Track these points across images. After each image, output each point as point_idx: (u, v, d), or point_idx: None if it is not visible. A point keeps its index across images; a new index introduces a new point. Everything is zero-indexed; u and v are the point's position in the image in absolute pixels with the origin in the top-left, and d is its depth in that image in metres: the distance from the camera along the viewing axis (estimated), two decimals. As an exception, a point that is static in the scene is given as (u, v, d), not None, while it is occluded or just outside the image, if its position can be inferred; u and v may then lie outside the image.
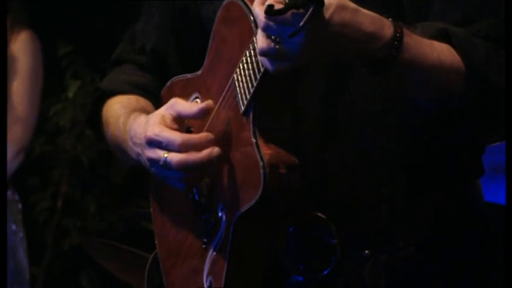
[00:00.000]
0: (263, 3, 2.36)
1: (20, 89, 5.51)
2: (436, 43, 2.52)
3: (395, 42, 2.44)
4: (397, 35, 2.44)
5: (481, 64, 2.52)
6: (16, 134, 5.49)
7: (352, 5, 2.40)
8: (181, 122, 2.68)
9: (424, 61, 2.49)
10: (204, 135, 2.66)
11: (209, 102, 2.67)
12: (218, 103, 2.71)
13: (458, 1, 2.60)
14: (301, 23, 2.28)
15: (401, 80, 2.52)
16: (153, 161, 2.69)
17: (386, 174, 2.66)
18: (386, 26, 2.44)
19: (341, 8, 2.38)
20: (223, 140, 2.67)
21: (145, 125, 2.74)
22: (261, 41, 2.41)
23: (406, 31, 2.46)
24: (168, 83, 2.93)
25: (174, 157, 2.64)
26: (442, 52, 2.52)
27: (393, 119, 2.65)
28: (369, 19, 2.43)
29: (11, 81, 5.48)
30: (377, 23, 2.43)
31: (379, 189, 2.66)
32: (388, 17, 2.46)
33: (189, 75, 2.86)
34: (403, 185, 2.66)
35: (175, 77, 2.91)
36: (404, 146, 2.66)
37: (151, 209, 2.97)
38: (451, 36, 2.53)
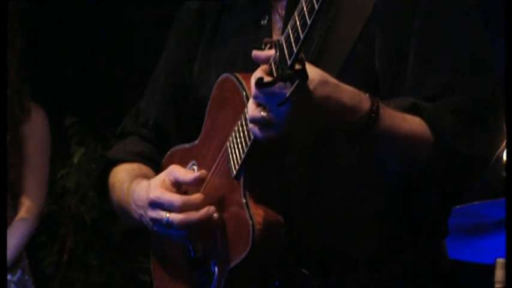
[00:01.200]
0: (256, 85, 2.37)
1: (37, 159, 5.52)
2: (408, 116, 2.51)
3: (372, 114, 2.43)
4: (374, 108, 2.43)
5: (447, 136, 2.52)
6: (36, 200, 5.50)
7: (334, 80, 2.40)
8: (179, 186, 2.67)
9: (397, 131, 2.48)
10: (200, 196, 2.65)
11: (203, 172, 2.68)
12: (212, 169, 2.71)
13: (428, 79, 2.58)
14: (287, 95, 2.29)
15: (378, 147, 2.51)
16: (156, 221, 2.68)
17: (363, 231, 2.64)
18: (364, 100, 2.43)
19: (323, 82, 2.37)
20: (217, 201, 2.66)
21: (147, 188, 2.73)
22: (251, 109, 2.41)
23: (381, 104, 2.45)
24: (169, 152, 2.93)
25: (175, 217, 2.63)
26: (413, 124, 2.51)
27: (369, 181, 2.63)
28: (349, 94, 2.42)
29: (26, 151, 5.49)
30: (356, 98, 2.42)
31: (357, 245, 2.63)
32: (365, 92, 2.45)
33: (187, 145, 2.86)
34: (377, 242, 2.64)
35: (174, 147, 2.91)
36: (379, 206, 2.64)
37: (152, 263, 2.95)
38: (421, 110, 2.52)
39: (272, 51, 2.41)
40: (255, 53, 2.45)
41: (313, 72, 2.38)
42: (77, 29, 7.36)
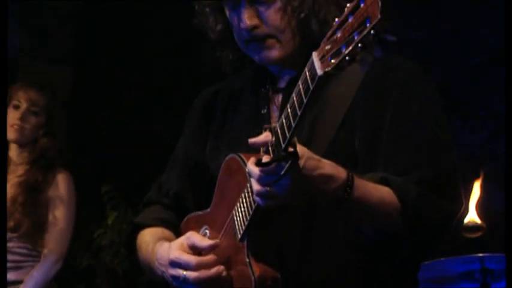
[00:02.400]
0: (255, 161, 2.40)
1: (60, 215, 5.48)
2: (379, 186, 2.53)
3: (349, 182, 2.44)
4: (349, 177, 2.44)
5: (412, 203, 2.52)
6: (56, 246, 5.43)
7: (317, 156, 2.42)
8: (195, 249, 2.67)
9: (370, 198, 2.49)
10: (212, 257, 2.64)
11: (217, 241, 2.67)
12: (221, 233, 2.71)
13: (398, 158, 2.60)
14: (282, 172, 2.32)
15: (354, 211, 2.51)
16: (175, 278, 2.68)
17: (346, 283, 2.64)
18: (341, 171, 2.45)
19: (310, 157, 2.39)
20: (225, 260, 2.66)
21: (168, 249, 2.72)
22: (255, 185, 2.41)
23: (355, 176, 2.46)
24: (186, 218, 2.92)
25: (191, 275, 2.63)
26: (383, 193, 2.52)
27: (349, 241, 2.62)
28: (328, 166, 2.44)
29: (53, 209, 5.43)
30: (334, 169, 2.44)
31: None
32: (342, 166, 2.47)
33: (200, 212, 2.85)
34: None
35: (190, 214, 2.90)
36: (359, 261, 2.64)
37: None
38: (389, 182, 2.53)
39: (269, 136, 2.41)
40: (251, 140, 2.46)
41: (301, 150, 2.38)
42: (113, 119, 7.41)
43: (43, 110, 5.44)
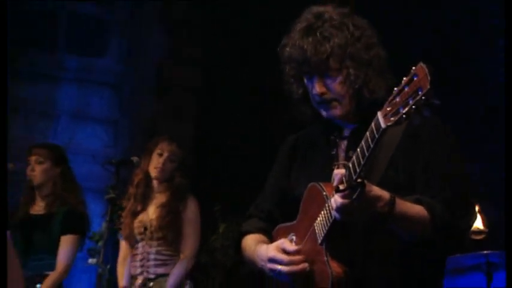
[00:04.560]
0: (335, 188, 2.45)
1: (191, 229, 5.53)
2: (414, 204, 2.53)
3: (391, 202, 2.45)
4: (392, 197, 2.46)
5: (439, 215, 2.53)
6: (189, 252, 5.48)
7: (370, 183, 2.44)
8: (285, 251, 2.68)
9: (407, 213, 2.50)
10: (300, 257, 2.65)
11: (300, 247, 2.68)
12: (305, 238, 2.70)
13: (429, 185, 2.61)
14: (354, 196, 2.36)
15: (397, 224, 2.52)
16: (272, 270, 2.69)
17: (394, 276, 2.63)
18: (385, 193, 2.46)
19: (368, 185, 2.41)
20: (309, 258, 2.66)
21: (266, 250, 2.74)
22: (333, 204, 2.45)
23: (396, 196, 2.48)
24: (277, 227, 2.90)
25: (284, 269, 2.65)
26: (418, 209, 2.53)
27: (395, 247, 2.62)
28: (376, 189, 2.45)
29: (187, 225, 5.49)
30: (380, 191, 2.45)
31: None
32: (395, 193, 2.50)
33: (288, 224, 2.83)
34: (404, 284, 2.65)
35: (280, 224, 2.89)
36: (401, 261, 2.64)
37: None
38: (422, 202, 2.54)
39: (342, 170, 2.45)
40: (334, 172, 2.48)
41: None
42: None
43: (178, 159, 5.55)
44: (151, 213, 5.46)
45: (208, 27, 7.80)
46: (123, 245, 5.58)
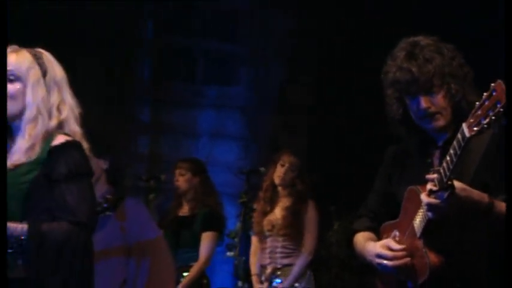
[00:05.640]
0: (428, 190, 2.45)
1: (311, 228, 5.55)
2: (503, 203, 2.50)
3: (490, 205, 2.45)
4: (490, 201, 2.45)
5: None
6: (310, 246, 5.52)
7: (467, 187, 2.43)
8: (390, 248, 2.68)
9: (502, 211, 2.47)
10: (402, 253, 2.64)
11: (402, 246, 2.65)
12: (406, 234, 2.69)
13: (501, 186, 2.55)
14: (444, 197, 2.37)
15: (491, 222, 2.50)
16: (379, 264, 2.69)
17: (483, 265, 2.61)
18: (484, 197, 2.44)
19: (462, 189, 2.41)
20: (410, 251, 2.64)
21: (374, 246, 2.74)
22: (427, 203, 2.45)
23: (493, 198, 2.47)
24: (383, 225, 2.87)
25: (389, 263, 2.65)
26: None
27: (484, 238, 2.59)
28: (476, 194, 2.44)
29: (307, 225, 5.52)
30: (480, 195, 2.44)
31: (482, 272, 2.61)
32: (484, 192, 2.48)
33: (392, 222, 2.81)
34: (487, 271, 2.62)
35: (385, 223, 2.87)
36: (489, 252, 2.60)
37: (377, 281, 2.88)
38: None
39: (434, 175, 2.46)
40: (427, 176, 2.49)
41: (457, 184, 2.42)
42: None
43: (297, 169, 5.58)
44: (277, 213, 5.53)
45: (321, 55, 7.83)
46: (254, 240, 5.63)
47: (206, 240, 5.47)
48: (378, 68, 2.80)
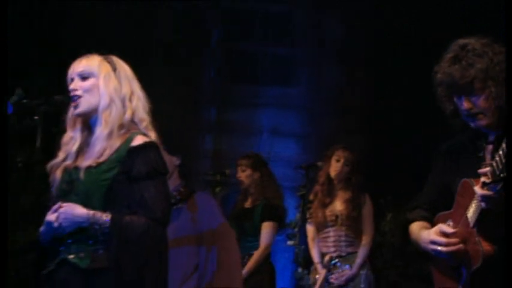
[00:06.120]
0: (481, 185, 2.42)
1: (369, 219, 5.56)
2: None
3: None
4: None
5: None
6: (369, 236, 5.51)
7: None
8: (444, 234, 2.65)
9: None
10: (456, 239, 2.61)
11: (456, 230, 2.63)
12: (460, 223, 2.66)
13: None
14: (497, 189, 2.37)
15: None
16: (434, 251, 2.67)
17: None
18: None
19: None
20: (463, 239, 2.62)
21: (428, 234, 2.72)
22: (480, 192, 2.42)
23: None
24: (437, 215, 2.83)
25: (443, 249, 2.63)
26: None
27: None
28: None
29: (366, 216, 5.52)
30: None
31: None
32: None
33: (446, 212, 2.78)
34: None
35: (440, 213, 2.83)
36: None
37: (432, 267, 2.84)
38: None
39: (488, 168, 2.43)
40: (480, 170, 2.47)
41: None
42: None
43: (352, 163, 5.55)
44: (338, 205, 5.53)
45: (377, 52, 7.77)
46: (311, 229, 5.63)
47: (265, 229, 5.53)
48: (433, 66, 2.77)
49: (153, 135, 2.70)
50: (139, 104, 2.69)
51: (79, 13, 7.11)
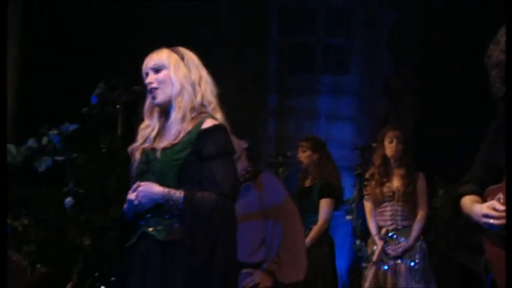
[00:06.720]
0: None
1: (423, 195, 5.49)
2: None
3: None
4: None
5: None
6: (424, 212, 5.46)
7: None
8: (495, 209, 2.59)
9: None
10: (504, 213, 2.56)
11: (504, 207, 2.55)
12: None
13: None
14: None
15: None
16: (486, 223, 2.61)
17: None
18: None
19: None
20: None
21: (480, 208, 2.66)
22: None
23: None
24: (487, 189, 2.75)
25: (495, 222, 2.57)
26: None
27: None
28: None
29: (420, 192, 5.46)
30: None
31: None
32: None
33: (496, 186, 2.70)
34: None
35: (489, 187, 2.74)
36: None
37: (484, 238, 2.73)
38: None
39: None
40: None
41: None
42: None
43: (403, 142, 5.47)
44: (396, 182, 5.48)
45: (425, 42, 7.66)
46: (368, 205, 5.60)
47: (323, 206, 5.55)
48: (482, 53, 2.69)
49: (219, 116, 2.73)
50: (207, 88, 2.71)
51: (152, 12, 7.32)
